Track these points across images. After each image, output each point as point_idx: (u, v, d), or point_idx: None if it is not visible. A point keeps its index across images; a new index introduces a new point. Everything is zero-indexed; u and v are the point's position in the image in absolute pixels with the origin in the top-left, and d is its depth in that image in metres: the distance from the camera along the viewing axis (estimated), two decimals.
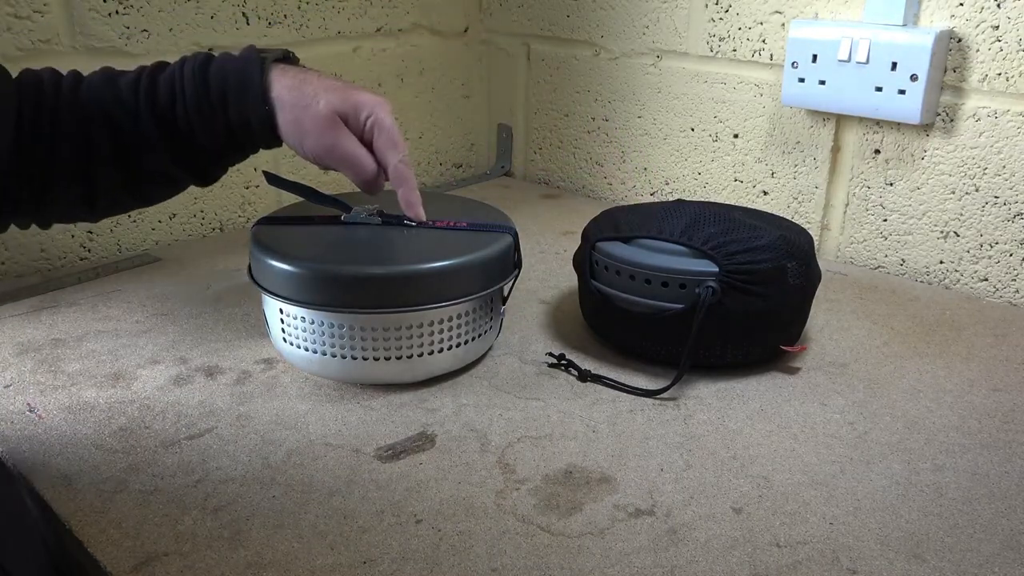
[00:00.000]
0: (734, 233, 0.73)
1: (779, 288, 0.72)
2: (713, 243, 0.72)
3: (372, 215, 0.75)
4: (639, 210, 0.82)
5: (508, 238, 0.74)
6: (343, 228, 0.75)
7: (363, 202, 0.76)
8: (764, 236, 0.73)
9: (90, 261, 1.02)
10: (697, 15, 1.10)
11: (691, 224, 0.75)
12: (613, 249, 0.76)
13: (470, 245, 0.71)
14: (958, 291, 0.95)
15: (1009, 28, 0.86)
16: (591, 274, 0.77)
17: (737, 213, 0.79)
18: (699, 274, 0.71)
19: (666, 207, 0.80)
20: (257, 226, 0.75)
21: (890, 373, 0.77)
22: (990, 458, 0.64)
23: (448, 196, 0.92)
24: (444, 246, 0.71)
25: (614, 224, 0.79)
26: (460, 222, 0.76)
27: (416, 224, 0.74)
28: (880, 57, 0.91)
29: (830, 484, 0.61)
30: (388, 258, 0.70)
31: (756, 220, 0.78)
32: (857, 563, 0.53)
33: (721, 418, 0.69)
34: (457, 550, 0.54)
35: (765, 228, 0.75)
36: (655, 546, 0.54)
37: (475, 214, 0.79)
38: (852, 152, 1.01)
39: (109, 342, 0.81)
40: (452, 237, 0.73)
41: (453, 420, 0.68)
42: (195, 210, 1.10)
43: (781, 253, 0.72)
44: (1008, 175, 0.90)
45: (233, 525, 0.56)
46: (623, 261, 0.74)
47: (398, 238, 0.73)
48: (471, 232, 0.74)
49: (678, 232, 0.74)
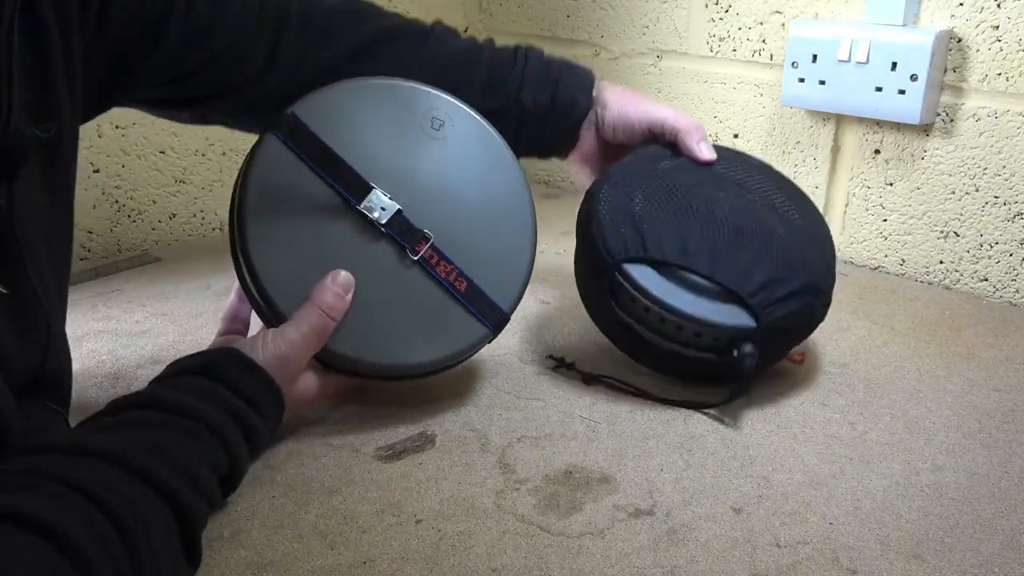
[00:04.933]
0: (774, 264, 0.69)
1: (808, 328, 0.73)
2: (752, 287, 0.68)
3: (385, 212, 0.64)
4: (662, 194, 0.72)
5: (484, 333, 0.67)
6: (340, 234, 0.64)
7: (389, 187, 0.65)
8: (801, 266, 0.70)
9: (90, 261, 1.02)
10: (697, 15, 1.10)
11: (729, 243, 0.69)
12: (642, 278, 0.69)
13: (433, 325, 0.65)
14: (958, 291, 0.95)
15: (1009, 28, 0.86)
16: (613, 298, 0.70)
17: (772, 216, 0.72)
18: (737, 330, 0.67)
19: (696, 195, 0.72)
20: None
21: (890, 373, 0.77)
22: (990, 458, 0.64)
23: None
24: (405, 316, 0.64)
25: (633, 220, 0.70)
26: (462, 280, 0.66)
27: (417, 257, 0.65)
28: (880, 57, 0.91)
29: (830, 484, 0.61)
30: (349, 327, 0.63)
31: (792, 224, 0.73)
32: (857, 563, 0.53)
33: (721, 418, 0.69)
34: (457, 550, 0.54)
35: (801, 248, 0.71)
36: (655, 546, 0.54)
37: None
38: (852, 152, 1.01)
39: (109, 342, 0.81)
40: (431, 300, 0.65)
41: (453, 420, 0.68)
42: (195, 210, 1.10)
43: (815, 293, 0.70)
44: (1008, 175, 0.90)
45: (233, 525, 0.56)
46: (654, 300, 0.68)
47: (380, 278, 0.64)
48: (454, 301, 0.66)
49: (715, 259, 0.68)
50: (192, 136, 1.08)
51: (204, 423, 0.54)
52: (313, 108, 0.66)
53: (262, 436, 0.59)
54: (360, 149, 0.66)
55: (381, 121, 0.67)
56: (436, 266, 0.65)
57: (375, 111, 0.67)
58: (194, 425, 0.54)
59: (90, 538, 0.42)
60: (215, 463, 0.54)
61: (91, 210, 1.01)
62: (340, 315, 0.62)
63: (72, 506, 0.43)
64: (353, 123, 0.66)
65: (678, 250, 0.69)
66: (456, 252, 0.66)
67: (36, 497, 0.43)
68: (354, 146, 0.65)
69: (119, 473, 0.47)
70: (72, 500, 0.44)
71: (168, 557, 0.47)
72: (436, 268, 0.65)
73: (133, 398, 0.55)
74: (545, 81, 0.76)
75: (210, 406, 0.55)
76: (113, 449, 0.48)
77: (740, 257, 0.69)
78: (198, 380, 0.57)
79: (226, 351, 0.60)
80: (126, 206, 1.04)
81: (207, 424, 0.54)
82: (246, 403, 0.57)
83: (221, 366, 0.58)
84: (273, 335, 0.61)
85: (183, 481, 0.49)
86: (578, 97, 0.77)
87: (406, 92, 0.68)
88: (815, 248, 0.73)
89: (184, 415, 0.54)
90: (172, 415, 0.54)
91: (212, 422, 0.54)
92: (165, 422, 0.53)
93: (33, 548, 0.40)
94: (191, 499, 0.49)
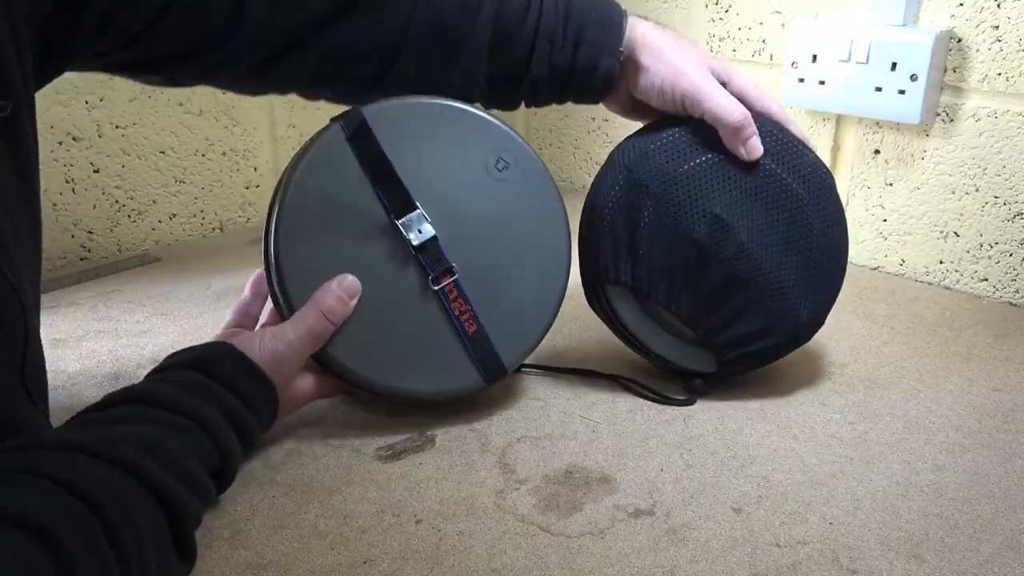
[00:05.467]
0: (758, 319, 0.67)
1: (788, 350, 0.72)
2: (724, 340, 0.68)
3: (421, 236, 0.63)
4: (673, 210, 0.67)
5: (475, 380, 0.66)
6: (373, 245, 0.64)
7: (433, 212, 0.64)
8: (788, 320, 0.68)
9: (90, 261, 1.02)
10: (697, 15, 1.10)
11: (719, 290, 0.67)
12: (620, 304, 0.71)
13: (430, 358, 0.65)
14: (958, 291, 0.95)
15: (1009, 28, 0.86)
16: (596, 298, 0.73)
17: (791, 243, 0.67)
18: (696, 372, 0.72)
19: (709, 220, 0.66)
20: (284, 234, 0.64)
21: (890, 373, 0.77)
22: (990, 458, 0.64)
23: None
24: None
25: (633, 240, 0.68)
26: (473, 324, 0.65)
27: (437, 288, 0.64)
28: (880, 57, 0.91)
29: (830, 484, 0.61)
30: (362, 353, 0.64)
31: (810, 254, 0.68)
32: (857, 563, 0.53)
33: (721, 418, 0.69)
34: (457, 550, 0.54)
35: (799, 295, 0.67)
36: (655, 546, 0.54)
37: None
38: (852, 152, 1.01)
39: (109, 342, 0.81)
40: (437, 333, 0.65)
41: (453, 420, 0.68)
42: (195, 210, 1.10)
43: (792, 344, 0.70)
44: (1008, 175, 0.90)
45: (233, 525, 0.56)
46: (625, 327, 0.72)
47: (398, 297, 0.64)
48: (457, 341, 0.65)
49: (699, 308, 0.68)
50: (192, 136, 1.08)
51: (194, 418, 0.54)
52: (384, 114, 0.65)
53: (254, 433, 0.59)
54: (417, 168, 0.65)
55: (448, 147, 0.66)
56: (453, 301, 0.65)
57: (444, 135, 0.66)
58: (184, 420, 0.53)
59: (74, 533, 0.42)
60: (205, 458, 0.54)
61: (91, 210, 1.01)
62: (341, 319, 0.62)
63: (56, 502, 0.43)
64: (419, 141, 0.65)
65: (664, 291, 0.68)
66: (477, 295, 0.65)
67: (20, 493, 0.43)
68: (413, 163, 0.65)
69: (106, 468, 0.47)
70: (57, 496, 0.43)
71: (157, 552, 0.47)
72: (452, 304, 0.65)
73: (124, 393, 0.55)
74: (564, 40, 0.68)
75: (202, 401, 0.55)
76: (99, 444, 0.48)
77: (725, 309, 0.67)
78: (191, 375, 0.57)
79: (221, 347, 0.60)
80: (126, 206, 1.04)
81: (197, 419, 0.54)
82: (238, 399, 0.57)
83: (215, 362, 0.58)
84: (272, 334, 0.61)
85: (172, 476, 0.49)
86: (602, 61, 0.68)
87: (483, 124, 0.67)
88: (820, 287, 0.69)
89: (174, 410, 0.53)
90: (162, 410, 0.53)
91: (203, 417, 0.54)
92: (155, 417, 0.53)
93: (17, 544, 0.40)
94: (180, 494, 0.49)
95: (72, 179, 0.99)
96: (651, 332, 0.72)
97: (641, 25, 0.69)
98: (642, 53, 0.68)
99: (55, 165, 0.97)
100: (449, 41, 0.68)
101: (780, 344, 0.69)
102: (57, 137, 0.97)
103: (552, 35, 0.68)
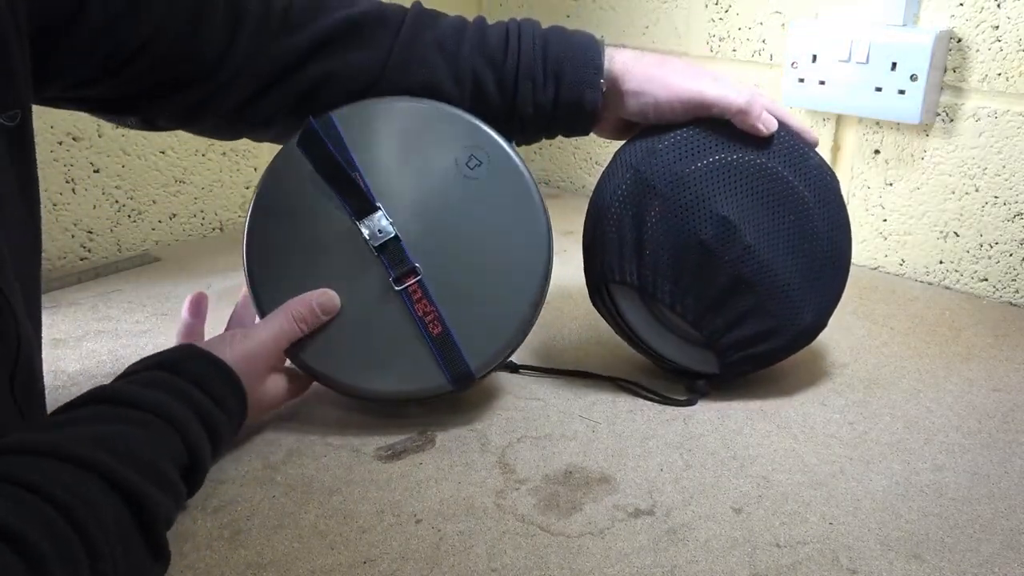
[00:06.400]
0: (762, 322, 0.67)
1: (791, 352, 0.72)
2: (728, 342, 0.68)
3: (381, 236, 0.63)
4: (679, 212, 0.66)
5: (441, 383, 0.65)
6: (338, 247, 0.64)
7: (398, 212, 0.64)
8: (791, 323, 0.68)
9: (90, 261, 1.02)
10: (697, 15, 1.10)
11: (724, 292, 0.67)
12: (625, 303, 0.70)
13: (392, 359, 0.64)
14: (958, 291, 0.95)
15: (1009, 28, 0.86)
16: (599, 297, 0.72)
17: (796, 244, 0.67)
18: (699, 373, 0.71)
19: (716, 221, 0.66)
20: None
21: (890, 373, 0.77)
22: (990, 458, 0.64)
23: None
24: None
25: (639, 240, 0.67)
26: (437, 325, 0.64)
27: (400, 288, 0.64)
28: (880, 57, 0.91)
29: (830, 484, 0.61)
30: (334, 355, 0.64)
31: (814, 256, 0.68)
32: (857, 563, 0.53)
33: (721, 418, 0.69)
34: (457, 550, 0.54)
35: (805, 297, 0.68)
36: (655, 546, 0.54)
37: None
38: (852, 152, 1.01)
39: (109, 342, 0.81)
40: (400, 334, 0.64)
41: (453, 420, 0.68)
42: (195, 210, 1.10)
43: (794, 346, 0.70)
44: (1008, 175, 0.90)
45: (233, 525, 0.56)
46: (629, 326, 0.71)
47: (360, 297, 0.64)
48: (421, 343, 0.64)
49: (704, 310, 0.68)
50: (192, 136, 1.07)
51: (162, 415, 0.54)
52: (353, 115, 0.65)
53: (224, 430, 0.59)
54: (384, 168, 0.64)
55: (418, 145, 0.65)
56: (416, 302, 0.64)
57: (415, 133, 0.65)
58: (152, 417, 0.53)
59: (46, 538, 0.41)
60: (175, 456, 0.53)
61: (91, 210, 1.01)
62: (310, 328, 0.64)
63: (26, 507, 0.43)
64: (387, 140, 0.65)
65: (670, 292, 0.68)
66: (443, 296, 0.64)
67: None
68: (379, 163, 0.64)
69: (74, 471, 0.46)
70: (25, 500, 0.43)
71: (128, 553, 0.46)
72: (415, 304, 0.64)
73: (91, 394, 0.55)
74: (544, 80, 0.68)
75: (170, 398, 0.55)
76: (66, 446, 0.47)
77: (730, 311, 0.67)
78: (160, 374, 0.57)
79: (185, 347, 0.61)
80: (126, 206, 1.04)
81: (166, 416, 0.54)
82: (207, 396, 0.58)
83: (184, 363, 0.59)
84: (243, 333, 0.63)
85: (140, 474, 0.49)
86: (586, 96, 0.68)
87: (456, 121, 0.66)
88: (824, 290, 0.70)
89: (140, 408, 0.53)
90: (130, 408, 0.53)
91: (171, 414, 0.54)
92: (123, 416, 0.53)
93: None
94: (150, 493, 0.48)
95: (72, 179, 0.99)
96: (655, 332, 0.71)
97: (620, 55, 0.70)
98: (625, 81, 0.69)
99: (55, 165, 0.97)
100: (429, 78, 0.68)
101: (783, 346, 0.69)
102: (57, 137, 0.97)
103: (533, 75, 0.68)
